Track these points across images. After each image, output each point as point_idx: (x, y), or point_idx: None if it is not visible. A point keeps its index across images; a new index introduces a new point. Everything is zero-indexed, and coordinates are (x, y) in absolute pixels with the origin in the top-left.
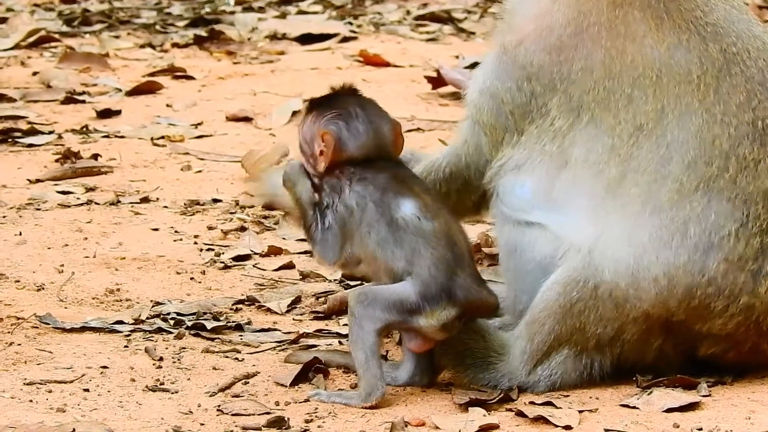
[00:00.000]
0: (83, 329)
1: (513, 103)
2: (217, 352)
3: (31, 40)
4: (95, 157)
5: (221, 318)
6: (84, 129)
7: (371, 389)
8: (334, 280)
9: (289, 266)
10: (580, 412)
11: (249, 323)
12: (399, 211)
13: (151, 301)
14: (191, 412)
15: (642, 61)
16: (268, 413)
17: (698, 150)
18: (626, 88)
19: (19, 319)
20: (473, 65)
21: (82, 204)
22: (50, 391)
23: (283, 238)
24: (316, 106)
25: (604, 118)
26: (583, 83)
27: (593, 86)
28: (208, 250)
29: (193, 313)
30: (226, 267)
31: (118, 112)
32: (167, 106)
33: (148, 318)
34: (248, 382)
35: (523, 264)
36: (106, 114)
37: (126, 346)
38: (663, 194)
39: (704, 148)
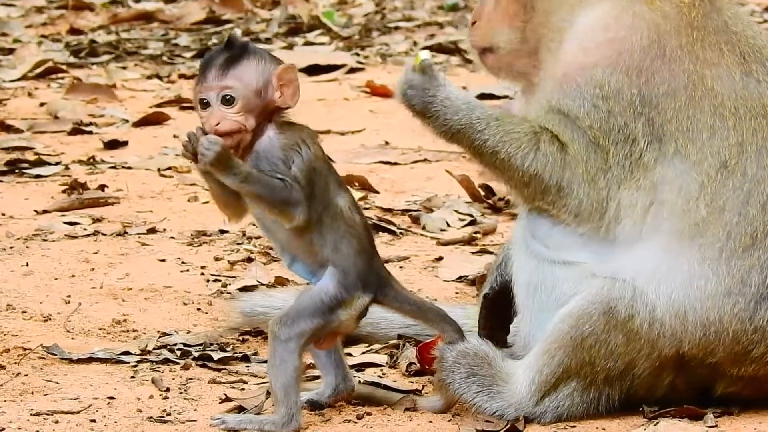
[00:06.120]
0: (90, 360)
1: (590, 119)
2: (224, 382)
3: (38, 71)
4: (102, 188)
5: (228, 349)
6: (91, 160)
7: (290, 417)
8: None
9: None
10: None
11: (256, 354)
12: (338, 198)
13: (158, 331)
14: None
15: (721, 89)
16: None
17: None
18: (708, 118)
19: (26, 349)
20: (481, 96)
21: (89, 235)
22: (57, 422)
23: None
24: (247, 54)
25: (689, 151)
26: (666, 109)
27: (676, 113)
28: (215, 280)
29: (200, 344)
30: (233, 298)
31: (125, 143)
32: (174, 136)
33: (154, 349)
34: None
35: (545, 302)
36: (113, 145)
37: (133, 377)
38: (739, 239)
39: None
